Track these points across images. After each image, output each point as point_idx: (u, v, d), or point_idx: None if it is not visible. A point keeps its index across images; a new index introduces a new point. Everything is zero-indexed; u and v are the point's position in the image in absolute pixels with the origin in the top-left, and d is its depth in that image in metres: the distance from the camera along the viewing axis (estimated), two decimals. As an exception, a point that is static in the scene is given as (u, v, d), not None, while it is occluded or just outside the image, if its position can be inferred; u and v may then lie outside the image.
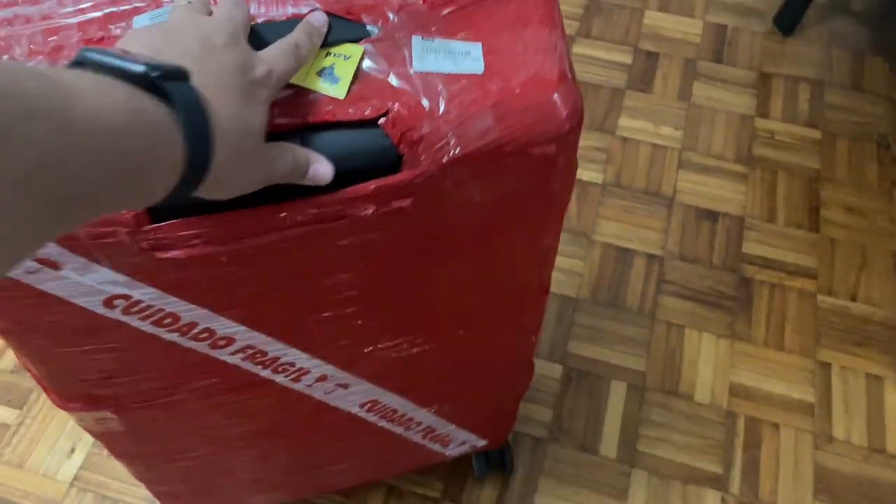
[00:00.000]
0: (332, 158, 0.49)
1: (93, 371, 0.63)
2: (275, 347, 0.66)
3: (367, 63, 0.52)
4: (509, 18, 0.54)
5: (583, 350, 1.27)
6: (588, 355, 1.26)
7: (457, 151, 0.51)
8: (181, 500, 0.94)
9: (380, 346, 0.71)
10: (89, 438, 1.15)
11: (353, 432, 0.84)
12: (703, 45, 1.68)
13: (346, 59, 0.52)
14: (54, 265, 0.51)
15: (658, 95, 1.60)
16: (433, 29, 0.53)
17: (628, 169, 1.49)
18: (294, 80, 0.50)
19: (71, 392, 0.65)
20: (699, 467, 1.16)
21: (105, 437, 0.73)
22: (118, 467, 1.11)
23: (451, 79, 0.51)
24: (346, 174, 0.50)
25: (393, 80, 0.51)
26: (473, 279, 0.66)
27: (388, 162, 0.51)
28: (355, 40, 0.52)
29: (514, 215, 0.60)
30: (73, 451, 1.14)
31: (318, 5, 0.53)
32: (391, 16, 0.53)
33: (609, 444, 1.18)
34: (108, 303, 0.55)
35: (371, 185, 0.51)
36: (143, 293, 0.55)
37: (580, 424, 1.20)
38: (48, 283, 0.52)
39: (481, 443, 1.02)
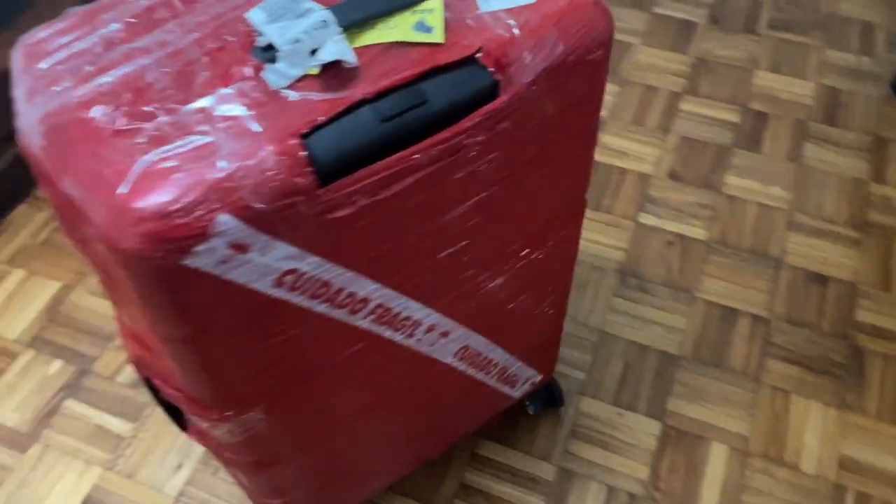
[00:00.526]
0: (447, 98, 0.60)
1: (252, 365, 0.68)
2: (398, 303, 0.73)
3: (437, 15, 0.63)
4: None
5: (683, 408, 1.24)
6: (688, 414, 1.23)
7: (538, 69, 0.63)
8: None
9: (475, 281, 0.80)
10: (196, 455, 1.19)
11: (447, 386, 0.93)
12: (815, 107, 1.65)
13: (431, 12, 0.63)
14: (243, 248, 0.56)
15: (767, 155, 1.58)
16: None
17: (734, 227, 1.46)
18: (389, 39, 0.60)
19: (227, 397, 0.69)
20: (804, 541, 1.11)
21: (244, 447, 0.76)
22: (222, 486, 1.15)
23: (513, 12, 0.64)
24: (457, 111, 0.61)
25: (470, 22, 0.63)
26: (546, 191, 0.77)
27: (490, 90, 0.62)
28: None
29: (574, 123, 0.72)
30: (180, 466, 1.19)
31: None
32: None
33: (708, 507, 1.14)
34: (279, 281, 0.61)
35: (479, 114, 0.62)
36: (308, 263, 0.62)
37: (678, 484, 1.17)
38: (233, 270, 0.57)
39: (538, 378, 1.10)
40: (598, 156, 1.59)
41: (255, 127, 0.56)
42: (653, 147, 1.60)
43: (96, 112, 0.58)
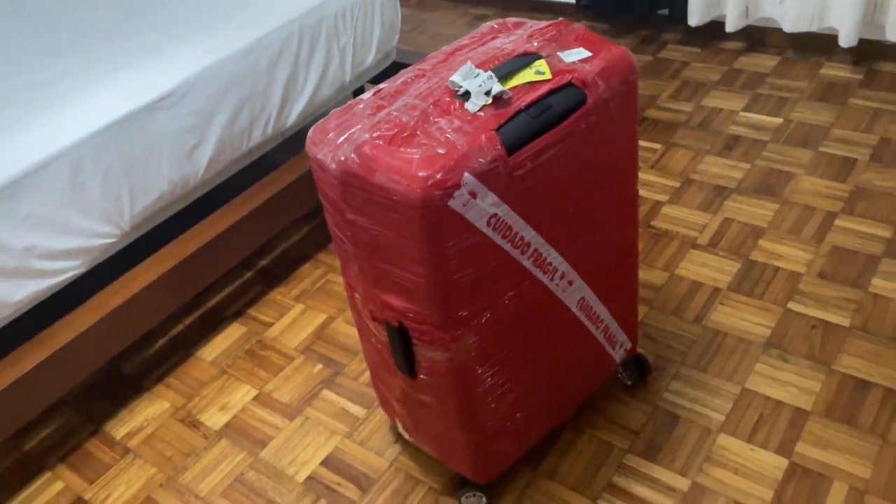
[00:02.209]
0: (563, 104, 1.10)
1: (469, 291, 1.12)
2: (544, 248, 1.17)
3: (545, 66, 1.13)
4: (577, 38, 1.24)
5: (810, 452, 1.44)
6: (814, 456, 1.43)
7: (606, 85, 1.16)
8: (495, 449, 1.36)
9: (588, 234, 1.25)
10: (406, 439, 1.59)
11: (574, 333, 1.36)
12: (968, 229, 1.83)
13: (541, 65, 1.14)
14: (474, 195, 1.03)
15: (914, 264, 1.77)
16: (557, 46, 1.21)
17: (877, 319, 1.67)
18: (523, 81, 1.11)
19: (453, 319, 1.14)
20: (916, 569, 1.24)
21: (457, 370, 1.19)
22: (423, 457, 1.52)
23: (582, 61, 1.17)
24: (568, 112, 1.09)
25: (561, 66, 1.16)
26: (615, 164, 1.25)
27: (582, 100, 1.13)
28: (536, 60, 1.15)
29: (624, 121, 1.21)
30: (396, 441, 1.60)
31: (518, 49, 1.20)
32: (536, 44, 1.22)
33: (825, 531, 1.32)
34: (488, 221, 1.06)
35: (579, 112, 1.12)
36: (502, 210, 1.08)
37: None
38: (469, 211, 1.04)
39: (629, 344, 1.53)
40: (755, 256, 1.88)
41: (469, 129, 1.04)
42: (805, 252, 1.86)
43: (381, 139, 1.07)
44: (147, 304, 1.69)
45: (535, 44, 1.21)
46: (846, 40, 2.40)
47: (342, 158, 1.09)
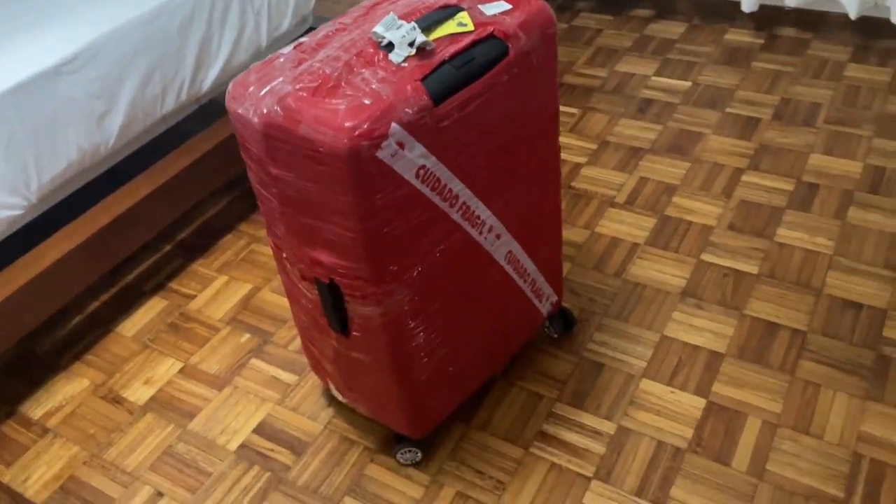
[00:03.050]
0: (486, 55, 1.11)
1: (399, 245, 1.12)
2: (472, 202, 1.20)
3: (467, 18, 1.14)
4: None
5: (726, 391, 1.52)
6: (729, 395, 1.51)
7: (527, 38, 1.17)
8: (429, 403, 1.38)
9: (512, 187, 1.29)
10: (338, 402, 1.59)
11: (503, 286, 1.40)
12: (862, 181, 1.96)
13: (463, 17, 1.15)
14: (402, 145, 1.03)
15: (815, 215, 1.89)
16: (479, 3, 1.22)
17: (782, 265, 1.77)
18: (446, 32, 1.11)
19: (384, 273, 1.13)
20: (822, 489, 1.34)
21: (389, 325, 1.19)
22: (357, 418, 1.52)
23: (503, 14, 1.18)
24: (491, 63, 1.11)
25: (483, 18, 1.17)
26: (536, 111, 1.26)
27: (504, 51, 1.15)
28: (458, 13, 1.15)
29: (547, 69, 1.24)
30: (329, 405, 1.59)
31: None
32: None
33: (741, 459, 1.40)
34: (416, 173, 1.06)
35: (502, 64, 1.13)
36: (430, 161, 1.08)
37: (717, 444, 1.43)
38: (397, 162, 1.03)
39: (554, 298, 1.58)
40: (669, 212, 1.96)
41: (393, 80, 1.04)
42: (716, 207, 1.95)
43: (304, 91, 1.06)
44: (60, 279, 1.63)
45: (456, -3, 1.21)
46: (748, 5, 2.51)
47: (264, 111, 1.07)
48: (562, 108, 2.39)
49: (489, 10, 1.18)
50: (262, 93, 1.09)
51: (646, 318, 1.69)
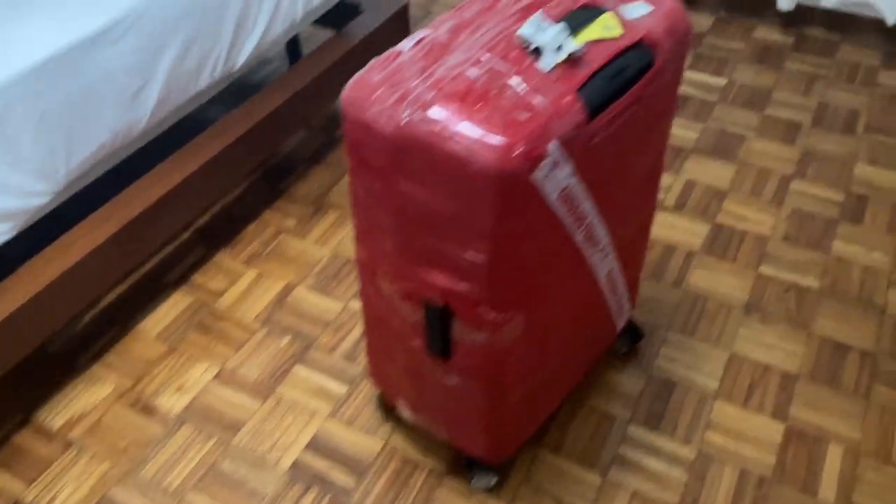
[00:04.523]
0: (636, 65, 1.01)
1: (524, 269, 1.01)
2: (596, 222, 1.11)
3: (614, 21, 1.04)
4: None
5: (804, 415, 1.48)
6: (808, 419, 1.47)
7: (670, 46, 1.08)
8: (512, 427, 1.28)
9: (633, 208, 1.22)
10: (393, 418, 1.48)
11: (596, 305, 1.32)
12: (910, 194, 1.94)
13: (610, 20, 1.04)
14: (557, 164, 0.92)
15: (868, 228, 1.86)
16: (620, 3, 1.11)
17: (843, 281, 1.73)
18: (593, 37, 1.00)
19: (503, 299, 1.02)
20: (913, 525, 1.31)
21: (497, 352, 1.07)
22: (416, 436, 1.42)
23: (645, 17, 1.07)
24: (638, 73, 1.01)
25: (627, 21, 1.07)
26: (657, 144, 1.21)
27: (650, 61, 1.05)
28: (602, 13, 1.04)
29: (673, 86, 1.15)
30: (386, 420, 1.48)
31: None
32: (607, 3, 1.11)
33: (828, 489, 1.36)
34: (560, 195, 0.96)
35: (650, 74, 1.03)
36: (572, 181, 0.98)
37: (801, 472, 1.39)
38: (547, 183, 0.93)
39: (630, 312, 1.49)
40: (722, 219, 1.90)
41: (547, 90, 0.93)
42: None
43: (449, 100, 0.93)
44: (88, 274, 1.45)
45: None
46: (786, 4, 2.45)
47: (404, 121, 0.94)
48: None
49: (632, 11, 1.06)
50: (394, 98, 0.95)
51: (712, 334, 1.64)
